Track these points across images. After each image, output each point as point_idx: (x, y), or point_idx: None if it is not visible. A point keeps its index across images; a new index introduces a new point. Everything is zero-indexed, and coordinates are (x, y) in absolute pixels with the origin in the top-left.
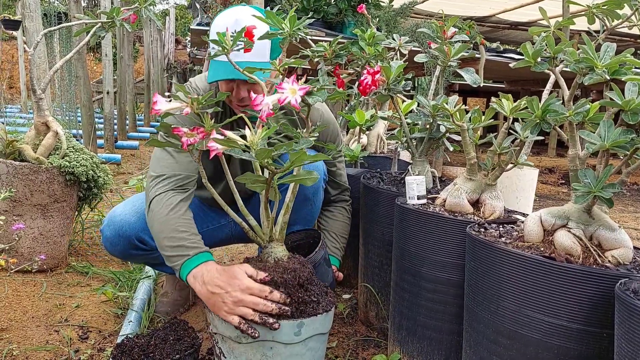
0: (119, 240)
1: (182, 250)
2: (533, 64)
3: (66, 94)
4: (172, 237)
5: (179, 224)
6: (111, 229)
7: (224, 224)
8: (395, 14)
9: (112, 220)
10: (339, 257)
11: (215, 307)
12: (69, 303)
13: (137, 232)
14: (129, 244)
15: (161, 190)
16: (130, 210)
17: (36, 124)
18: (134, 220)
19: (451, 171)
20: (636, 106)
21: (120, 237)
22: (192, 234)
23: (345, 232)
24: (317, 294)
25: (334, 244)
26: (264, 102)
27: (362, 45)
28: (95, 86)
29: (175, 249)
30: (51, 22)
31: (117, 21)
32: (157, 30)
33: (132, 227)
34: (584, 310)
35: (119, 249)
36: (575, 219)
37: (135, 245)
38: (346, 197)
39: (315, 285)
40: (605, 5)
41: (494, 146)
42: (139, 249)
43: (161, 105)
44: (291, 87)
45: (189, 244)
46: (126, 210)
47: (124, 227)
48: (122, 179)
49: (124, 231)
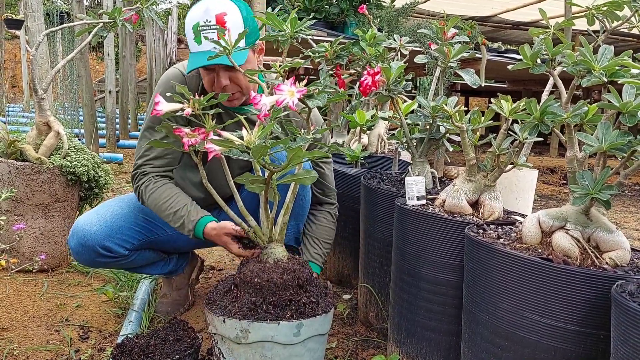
0: (83, 250)
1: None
2: (531, 65)
3: (68, 93)
4: (170, 218)
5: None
6: (75, 239)
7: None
8: (396, 14)
9: (75, 231)
10: (320, 264)
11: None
12: (70, 303)
13: (101, 240)
14: (93, 253)
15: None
16: (93, 219)
17: (38, 124)
18: (96, 229)
19: (452, 171)
20: (634, 108)
21: (84, 247)
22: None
23: (329, 237)
24: (316, 294)
25: (315, 249)
26: (262, 103)
27: (363, 46)
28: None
29: (180, 227)
30: (53, 21)
31: (118, 21)
32: (159, 30)
33: (94, 236)
34: (581, 311)
35: (85, 258)
36: (573, 221)
37: (100, 253)
38: (331, 199)
39: (314, 286)
40: (605, 7)
41: (493, 147)
42: (105, 257)
43: (163, 105)
44: (289, 89)
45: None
46: (89, 219)
47: (86, 237)
48: (124, 179)
49: (86, 240)
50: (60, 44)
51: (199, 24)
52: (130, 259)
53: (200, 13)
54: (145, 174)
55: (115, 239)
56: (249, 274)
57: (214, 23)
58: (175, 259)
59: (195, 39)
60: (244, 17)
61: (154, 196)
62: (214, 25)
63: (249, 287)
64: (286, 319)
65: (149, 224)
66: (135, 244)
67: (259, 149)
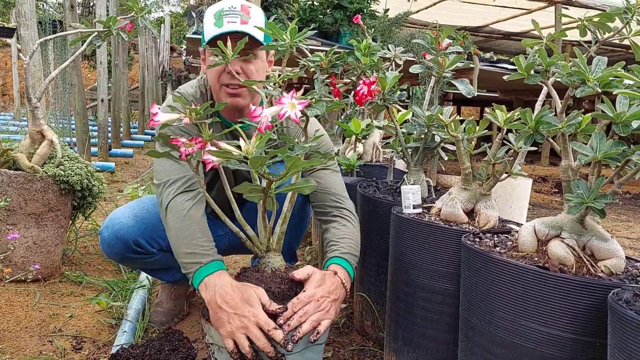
0: (116, 243)
1: (196, 257)
2: (526, 76)
3: (60, 101)
4: (187, 243)
5: (194, 231)
6: (109, 231)
7: (222, 235)
8: (390, 24)
9: (111, 222)
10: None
11: (218, 322)
12: (63, 313)
13: (135, 235)
14: (126, 247)
15: (172, 195)
16: (129, 214)
17: (31, 133)
18: (132, 223)
19: (446, 180)
20: (627, 118)
21: (118, 240)
22: (207, 241)
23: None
24: None
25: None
26: (262, 115)
27: (358, 56)
28: (89, 94)
29: (189, 256)
30: (46, 30)
31: (113, 30)
32: (152, 38)
33: (130, 230)
34: (578, 320)
35: (116, 251)
36: (568, 229)
37: (132, 249)
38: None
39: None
40: (597, 18)
41: (488, 156)
42: (136, 253)
43: (160, 116)
44: (290, 101)
45: (202, 251)
46: (125, 213)
47: (122, 230)
48: (116, 187)
49: (122, 234)
50: (53, 53)
51: (223, 10)
52: (155, 257)
53: (225, 2)
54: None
55: (148, 237)
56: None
57: (239, 9)
58: None
59: (217, 23)
60: (265, 18)
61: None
62: (239, 11)
63: None
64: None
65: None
66: (163, 246)
67: (257, 159)
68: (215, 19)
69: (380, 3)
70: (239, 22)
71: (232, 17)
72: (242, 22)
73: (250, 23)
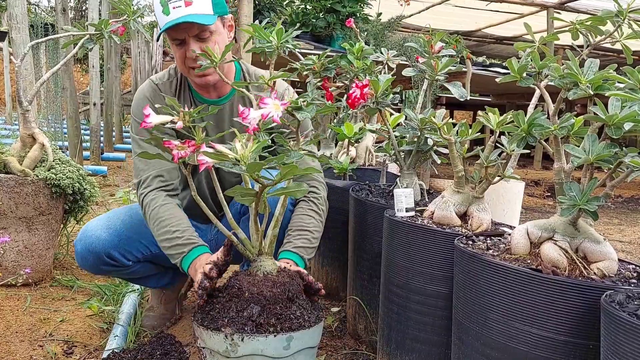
0: (89, 255)
1: (179, 248)
2: (519, 78)
3: (52, 105)
4: (166, 238)
5: (170, 224)
6: (82, 243)
7: (205, 241)
8: (383, 28)
9: (84, 235)
10: (304, 256)
11: None
12: (54, 317)
13: (107, 248)
14: (98, 260)
15: (147, 191)
16: (102, 226)
17: (22, 136)
18: (105, 236)
19: (438, 184)
20: (619, 120)
21: (90, 253)
22: (184, 230)
23: (310, 224)
24: (306, 307)
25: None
26: (250, 116)
27: (351, 59)
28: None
29: (172, 249)
30: (38, 33)
31: (105, 33)
32: (144, 42)
33: (102, 243)
34: (570, 322)
35: (90, 264)
36: (561, 232)
37: (105, 261)
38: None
39: (304, 299)
40: (589, 22)
41: (481, 159)
42: (109, 265)
43: (152, 118)
44: (274, 102)
45: (183, 241)
46: (99, 225)
47: (94, 243)
48: (108, 191)
49: (94, 247)
50: (44, 56)
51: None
52: (131, 269)
53: None
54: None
55: (122, 250)
56: (239, 287)
57: None
58: (172, 273)
59: (164, 11)
60: None
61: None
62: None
63: (238, 300)
64: (276, 332)
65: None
66: (138, 257)
67: (253, 166)
68: (162, 6)
69: (373, 7)
70: (184, 5)
71: (175, 2)
72: (186, 4)
73: (194, 2)
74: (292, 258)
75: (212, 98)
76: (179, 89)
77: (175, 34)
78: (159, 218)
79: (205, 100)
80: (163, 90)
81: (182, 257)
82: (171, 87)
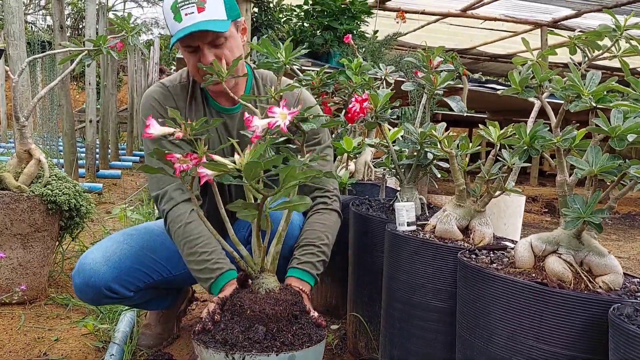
0: (88, 290)
1: (207, 272)
2: (520, 91)
3: (48, 122)
4: (194, 260)
5: (198, 245)
6: (80, 277)
7: None
8: (379, 45)
9: (81, 268)
10: (313, 273)
11: None
12: (48, 336)
13: (107, 282)
14: (98, 294)
15: (170, 206)
16: (100, 258)
17: (19, 152)
18: (104, 270)
19: (436, 199)
20: (623, 132)
21: (89, 287)
22: (211, 252)
23: (320, 236)
24: (309, 325)
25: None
26: (253, 124)
27: (349, 75)
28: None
29: (201, 272)
30: (34, 50)
31: (103, 49)
32: (141, 60)
33: (101, 277)
34: (577, 336)
35: (90, 297)
36: (565, 245)
37: (105, 294)
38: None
39: (307, 317)
40: (586, 37)
41: (482, 173)
42: (109, 298)
43: (154, 129)
44: (281, 111)
45: (211, 266)
46: (96, 258)
47: (92, 277)
48: (103, 209)
49: (93, 281)
50: (41, 73)
51: (177, 2)
52: (133, 299)
53: None
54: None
55: (122, 281)
56: (240, 304)
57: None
58: (173, 295)
59: (175, 17)
60: None
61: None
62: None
63: (240, 318)
64: (278, 351)
65: (155, 264)
66: (140, 286)
67: (251, 166)
68: (173, 13)
69: (370, 25)
70: (197, 12)
71: (188, 8)
72: (199, 10)
73: (207, 7)
74: (299, 276)
75: (225, 106)
76: (191, 94)
77: (189, 42)
78: (184, 239)
79: (219, 107)
80: (174, 94)
81: (210, 282)
82: (183, 91)
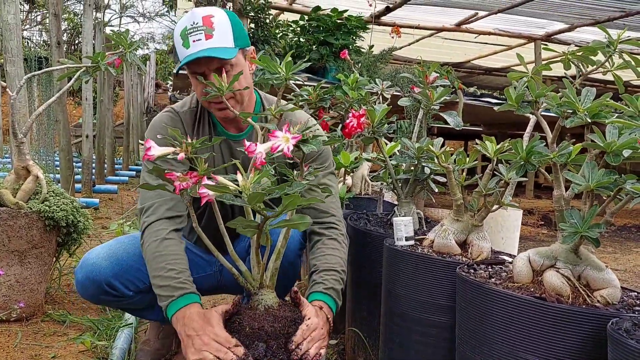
0: (89, 284)
1: (169, 290)
2: (516, 107)
3: (44, 138)
4: (160, 275)
5: (167, 261)
6: (83, 272)
7: (211, 273)
8: (375, 60)
9: (85, 263)
10: (334, 296)
11: (186, 349)
12: (45, 354)
13: (108, 277)
14: (99, 289)
15: (151, 219)
16: (104, 254)
17: (16, 168)
18: (106, 265)
19: (433, 213)
20: (618, 147)
21: (90, 281)
22: (180, 272)
23: (335, 263)
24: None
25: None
26: (257, 151)
27: (346, 90)
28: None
29: (162, 289)
30: (31, 66)
31: (102, 65)
32: (137, 75)
33: (102, 272)
34: (576, 351)
35: (90, 293)
36: (563, 259)
37: (105, 291)
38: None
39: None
40: (580, 52)
41: (479, 187)
42: (109, 295)
43: (154, 150)
44: (284, 135)
45: (175, 284)
46: (100, 254)
47: (94, 272)
48: (100, 224)
49: (94, 275)
50: (37, 89)
51: (186, 29)
52: (131, 299)
53: (186, 19)
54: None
55: (123, 279)
56: (239, 321)
57: (201, 24)
58: None
59: (184, 44)
60: (231, 20)
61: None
62: (201, 27)
63: (239, 335)
64: None
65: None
66: (140, 287)
67: (255, 196)
68: (182, 40)
69: (365, 40)
70: (204, 39)
71: (196, 35)
72: (207, 37)
73: (215, 35)
74: (324, 300)
75: (232, 132)
76: (199, 120)
77: (195, 68)
78: (157, 252)
79: (226, 134)
80: (184, 119)
81: (169, 301)
82: (191, 116)
